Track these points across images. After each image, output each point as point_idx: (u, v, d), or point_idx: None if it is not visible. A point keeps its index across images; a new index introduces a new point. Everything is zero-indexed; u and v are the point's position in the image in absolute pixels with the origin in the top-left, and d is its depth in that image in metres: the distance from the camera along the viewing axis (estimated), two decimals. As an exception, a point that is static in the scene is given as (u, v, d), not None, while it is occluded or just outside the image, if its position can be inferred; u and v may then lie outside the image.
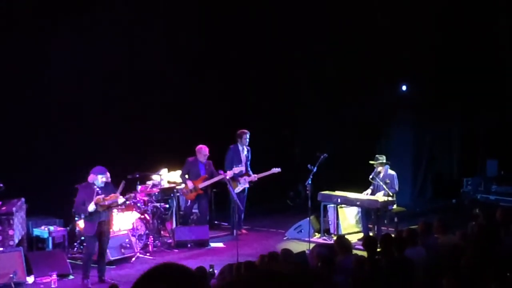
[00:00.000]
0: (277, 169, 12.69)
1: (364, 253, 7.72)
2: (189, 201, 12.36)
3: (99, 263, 9.76)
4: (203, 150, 12.22)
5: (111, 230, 10.15)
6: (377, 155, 12.12)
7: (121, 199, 9.85)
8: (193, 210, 12.49)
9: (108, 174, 9.77)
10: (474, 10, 14.27)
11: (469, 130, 15.88)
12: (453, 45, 14.59)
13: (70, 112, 12.45)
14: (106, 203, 9.56)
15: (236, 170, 12.22)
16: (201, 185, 12.17)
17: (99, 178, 9.57)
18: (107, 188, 9.65)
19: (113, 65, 12.86)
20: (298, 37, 15.14)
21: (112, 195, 9.61)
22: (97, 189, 9.54)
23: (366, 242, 7.88)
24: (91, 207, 9.41)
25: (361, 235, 11.94)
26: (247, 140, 12.75)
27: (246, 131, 12.76)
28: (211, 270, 8.49)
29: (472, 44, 14.34)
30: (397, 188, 11.96)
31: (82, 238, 10.63)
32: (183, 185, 12.41)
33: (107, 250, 10.25)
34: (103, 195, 9.50)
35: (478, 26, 14.25)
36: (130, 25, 13.05)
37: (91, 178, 9.63)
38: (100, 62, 12.57)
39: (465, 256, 6.24)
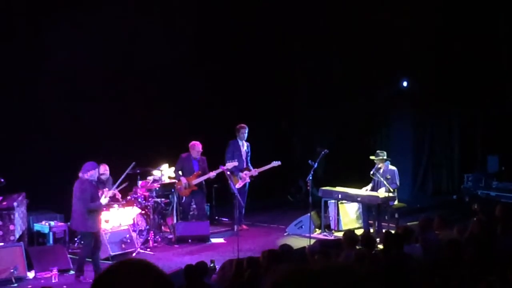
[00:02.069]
0: (277, 162, 12.66)
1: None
2: (184, 197, 12.37)
3: (95, 259, 9.73)
4: (196, 147, 12.19)
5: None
6: (378, 151, 12.11)
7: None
8: (193, 206, 12.49)
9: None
10: (474, 5, 14.24)
11: (469, 125, 15.88)
12: (453, 40, 14.57)
13: (71, 107, 12.44)
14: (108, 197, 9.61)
15: (230, 165, 12.14)
16: (195, 181, 12.15)
17: (97, 171, 9.58)
18: (100, 184, 9.67)
19: (112, 60, 12.85)
20: (298, 32, 15.13)
21: (110, 190, 9.65)
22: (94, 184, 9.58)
23: (364, 239, 7.88)
24: (105, 200, 9.39)
25: (361, 230, 11.94)
26: (245, 135, 12.73)
27: (244, 126, 12.73)
28: (212, 265, 8.50)
29: (472, 39, 14.32)
30: (398, 184, 11.96)
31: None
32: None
33: (108, 245, 10.27)
34: (106, 189, 9.54)
35: (478, 21, 14.23)
36: (130, 19, 13.00)
37: (90, 174, 9.54)
38: (100, 57, 12.55)
39: (466, 252, 6.25)
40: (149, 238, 11.42)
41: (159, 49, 13.57)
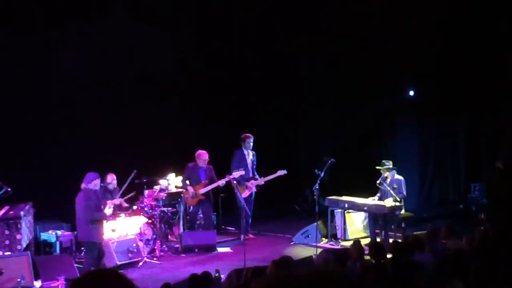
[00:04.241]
0: (282, 171, 12.65)
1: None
2: (191, 206, 12.37)
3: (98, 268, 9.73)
4: (202, 156, 12.20)
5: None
6: (383, 161, 12.09)
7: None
8: (199, 215, 12.49)
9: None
10: (476, 13, 14.20)
11: (475, 135, 15.81)
12: (458, 50, 14.52)
13: (78, 116, 12.48)
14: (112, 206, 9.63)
15: (236, 174, 12.15)
16: (202, 190, 12.15)
17: (99, 182, 9.62)
18: (107, 193, 9.69)
19: (119, 68, 12.89)
20: (304, 41, 15.13)
21: (115, 200, 9.67)
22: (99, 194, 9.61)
23: (372, 248, 7.85)
24: (109, 211, 9.37)
25: (368, 240, 11.91)
26: (251, 144, 12.74)
27: (249, 135, 12.74)
28: (217, 275, 8.48)
29: (477, 49, 14.27)
30: (405, 193, 11.93)
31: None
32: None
33: (114, 254, 10.27)
34: (109, 201, 9.55)
35: (482, 29, 14.17)
36: (133, 29, 13.02)
37: (94, 184, 9.58)
38: (106, 65, 12.60)
39: (473, 262, 6.22)
40: (155, 247, 11.43)
41: (164, 60, 13.61)
